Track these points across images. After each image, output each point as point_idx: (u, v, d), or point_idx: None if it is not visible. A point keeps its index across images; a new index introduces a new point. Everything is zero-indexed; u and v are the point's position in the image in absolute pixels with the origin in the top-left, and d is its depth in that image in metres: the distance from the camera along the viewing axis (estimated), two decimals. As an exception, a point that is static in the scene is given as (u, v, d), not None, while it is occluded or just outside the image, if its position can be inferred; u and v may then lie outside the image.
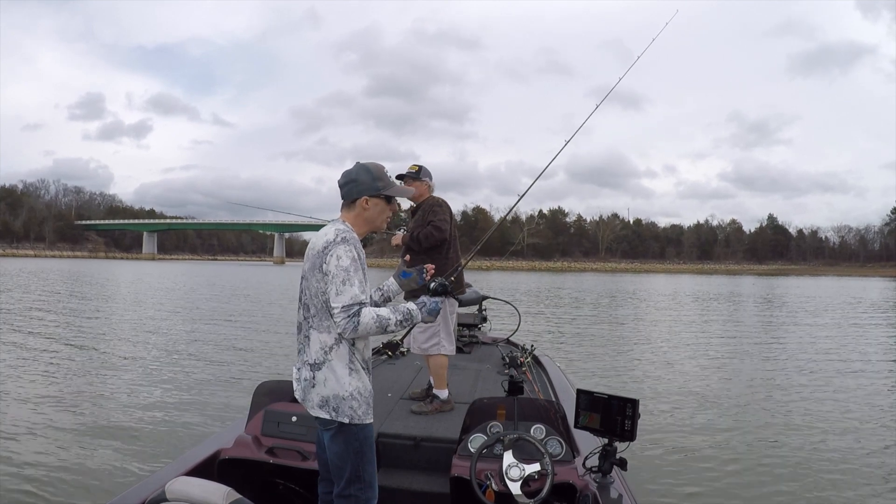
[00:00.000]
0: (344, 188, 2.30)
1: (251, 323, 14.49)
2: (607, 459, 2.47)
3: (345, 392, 2.15)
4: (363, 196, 2.27)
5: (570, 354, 10.14)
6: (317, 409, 2.17)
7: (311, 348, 2.19)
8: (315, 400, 2.17)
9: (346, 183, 2.29)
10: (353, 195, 2.28)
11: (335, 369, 2.15)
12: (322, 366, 2.16)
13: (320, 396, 2.16)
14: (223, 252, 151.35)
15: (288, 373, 2.47)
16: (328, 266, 2.12)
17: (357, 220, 2.28)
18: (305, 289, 2.22)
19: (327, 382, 2.15)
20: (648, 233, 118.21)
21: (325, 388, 2.15)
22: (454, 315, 4.04)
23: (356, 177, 2.28)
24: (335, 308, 2.08)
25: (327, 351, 2.16)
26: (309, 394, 2.18)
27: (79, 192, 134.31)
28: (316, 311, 2.18)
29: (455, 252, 3.84)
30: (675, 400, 7.02)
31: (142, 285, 29.72)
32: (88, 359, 9.07)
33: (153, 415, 6.03)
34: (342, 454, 2.18)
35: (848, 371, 9.21)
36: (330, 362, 2.15)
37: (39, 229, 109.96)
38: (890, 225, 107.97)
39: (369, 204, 2.28)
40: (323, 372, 2.15)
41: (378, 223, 2.33)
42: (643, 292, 32.90)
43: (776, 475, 4.65)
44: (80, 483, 4.26)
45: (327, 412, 2.15)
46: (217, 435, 3.06)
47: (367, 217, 2.30)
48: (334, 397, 2.14)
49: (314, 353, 2.18)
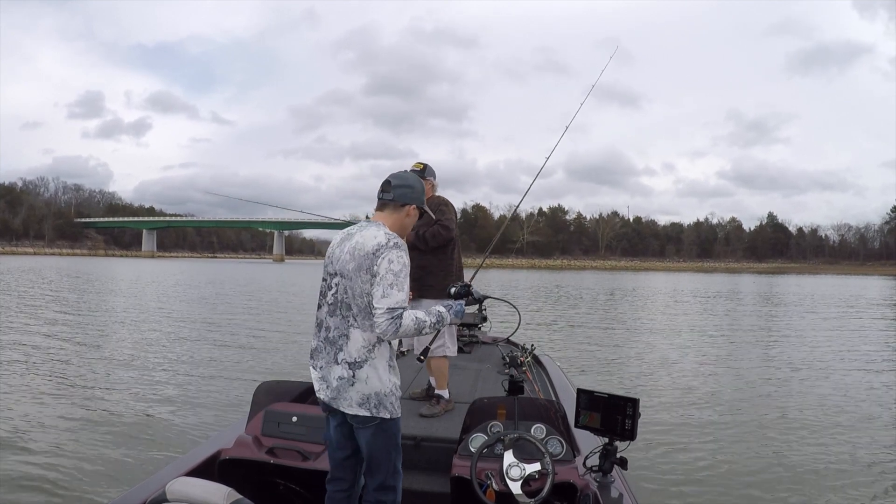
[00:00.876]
0: (397, 190, 2.29)
1: (251, 322, 14.49)
2: (608, 459, 2.47)
3: (386, 388, 2.19)
4: (413, 204, 2.32)
5: (570, 354, 10.14)
6: (355, 407, 2.17)
7: (352, 347, 2.19)
8: (355, 398, 2.17)
9: (401, 186, 2.30)
10: (406, 200, 2.30)
11: (377, 367, 2.18)
12: (364, 364, 2.17)
13: (361, 394, 2.17)
14: (223, 249, 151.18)
15: (288, 373, 2.47)
16: (378, 268, 2.14)
17: (396, 225, 2.30)
18: (347, 288, 2.20)
19: (369, 380, 2.17)
20: (648, 231, 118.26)
21: (366, 386, 2.17)
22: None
23: (414, 184, 2.33)
24: (379, 309, 2.11)
25: (370, 349, 2.18)
26: (346, 392, 2.18)
27: (78, 190, 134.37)
28: (359, 311, 2.19)
29: (458, 252, 3.83)
30: (675, 399, 7.02)
31: (141, 283, 29.70)
32: (88, 358, 9.07)
33: (153, 415, 6.03)
34: (384, 448, 2.23)
35: (848, 369, 9.22)
36: (373, 360, 2.18)
37: (39, 227, 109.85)
38: (890, 223, 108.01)
39: (412, 213, 2.34)
40: (364, 370, 2.17)
41: (408, 232, 2.41)
42: (643, 291, 32.92)
43: (777, 474, 4.66)
44: (80, 483, 4.26)
45: (368, 409, 2.17)
46: (217, 435, 3.06)
47: (406, 224, 2.35)
48: (376, 394, 2.17)
49: (355, 351, 2.18)
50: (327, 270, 2.31)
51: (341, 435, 2.30)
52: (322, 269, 2.36)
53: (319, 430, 2.53)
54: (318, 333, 2.29)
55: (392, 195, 2.29)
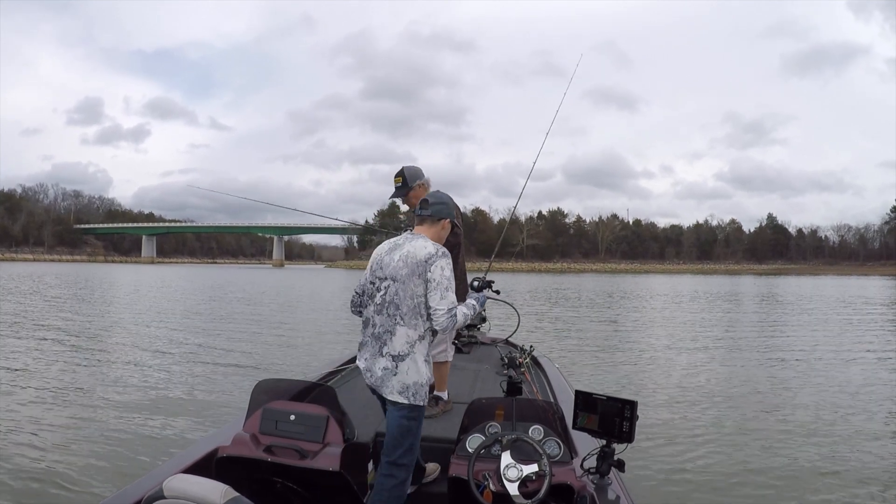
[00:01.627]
0: (433, 207, 2.72)
1: (250, 323, 14.49)
2: (605, 461, 2.47)
3: (422, 380, 2.52)
4: (448, 219, 2.75)
5: (568, 355, 10.13)
6: (395, 395, 2.51)
7: (396, 342, 2.52)
8: (396, 387, 2.50)
9: (436, 204, 2.73)
10: (441, 215, 2.73)
11: (417, 361, 2.52)
12: (406, 357, 2.51)
13: (402, 384, 2.50)
14: (222, 255, 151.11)
15: (285, 372, 2.49)
16: (433, 275, 2.52)
17: (435, 236, 2.70)
18: (398, 290, 2.54)
19: (409, 371, 2.50)
20: (648, 233, 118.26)
21: (406, 377, 2.50)
22: None
23: (447, 202, 2.79)
24: (440, 309, 2.51)
25: (412, 344, 2.52)
26: (389, 381, 2.51)
27: (77, 196, 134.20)
28: (408, 311, 2.52)
29: (463, 256, 3.79)
30: (673, 401, 7.02)
31: (140, 288, 29.69)
32: (86, 358, 9.07)
33: (151, 412, 6.04)
34: (408, 431, 2.55)
35: (848, 371, 9.22)
36: (414, 355, 2.52)
37: (38, 233, 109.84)
38: (889, 224, 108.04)
39: (446, 226, 2.75)
40: (406, 363, 2.51)
41: (443, 242, 2.75)
42: (643, 293, 32.91)
43: (776, 477, 4.65)
44: (78, 480, 4.26)
45: (406, 398, 2.50)
46: (215, 433, 3.06)
47: (442, 235, 2.75)
48: (414, 384, 2.51)
49: (399, 346, 2.52)
50: (376, 275, 2.64)
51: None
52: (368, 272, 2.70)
53: (317, 429, 2.53)
54: (365, 330, 2.65)
55: (430, 211, 2.71)
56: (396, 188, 3.59)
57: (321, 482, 2.45)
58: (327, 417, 2.55)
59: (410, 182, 3.56)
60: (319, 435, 2.51)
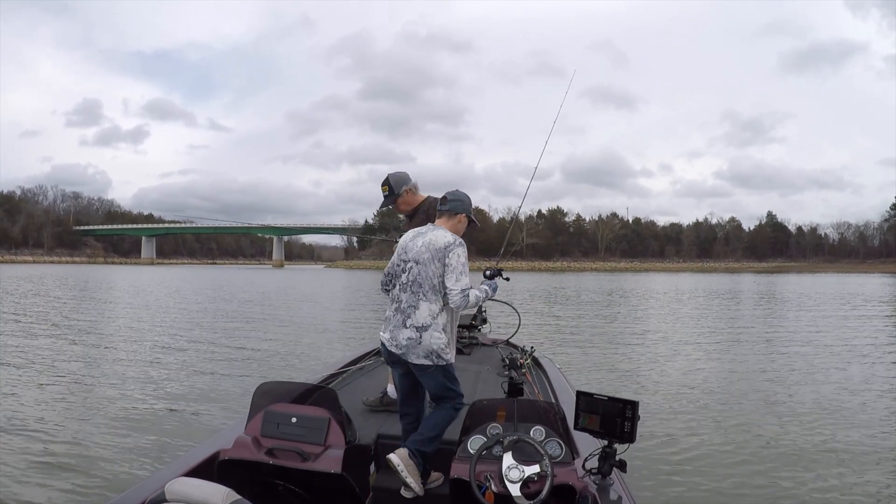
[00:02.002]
0: (451, 203, 3.13)
1: (251, 325, 14.48)
2: (607, 461, 2.47)
3: (443, 343, 2.94)
4: (463, 213, 3.14)
5: (569, 356, 10.12)
6: (421, 359, 2.93)
7: (420, 315, 2.93)
8: (421, 353, 2.92)
9: (453, 200, 3.14)
10: (458, 210, 3.13)
11: (437, 330, 2.93)
12: (428, 328, 2.92)
13: (425, 350, 2.92)
14: (222, 256, 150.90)
15: (287, 374, 2.48)
16: (450, 260, 2.94)
17: (453, 228, 3.10)
18: (421, 271, 2.96)
19: (432, 339, 2.91)
20: (648, 232, 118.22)
21: (429, 344, 2.91)
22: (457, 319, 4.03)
23: (463, 198, 3.18)
24: (454, 290, 2.91)
25: (434, 317, 2.94)
26: (414, 349, 2.92)
27: (77, 198, 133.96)
28: (429, 289, 2.94)
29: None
30: (675, 401, 7.01)
31: (140, 290, 29.68)
32: (87, 361, 9.07)
33: (152, 415, 6.04)
34: (444, 384, 3.00)
35: (850, 370, 9.22)
36: (435, 325, 2.93)
37: (38, 235, 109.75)
38: (889, 221, 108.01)
39: (463, 220, 3.16)
40: (429, 332, 2.92)
41: (460, 234, 3.13)
42: (643, 292, 32.91)
43: (777, 477, 4.64)
44: (79, 483, 4.26)
45: (431, 360, 2.93)
46: (216, 436, 3.06)
47: (459, 228, 3.15)
48: (437, 349, 2.92)
49: (422, 318, 2.93)
50: (402, 258, 3.06)
51: (406, 381, 3.08)
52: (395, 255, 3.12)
53: (318, 431, 2.53)
54: (391, 305, 3.07)
55: (447, 207, 3.13)
56: (385, 197, 3.72)
57: (323, 484, 2.45)
58: (328, 420, 2.55)
59: (397, 189, 3.68)
60: (321, 437, 2.51)
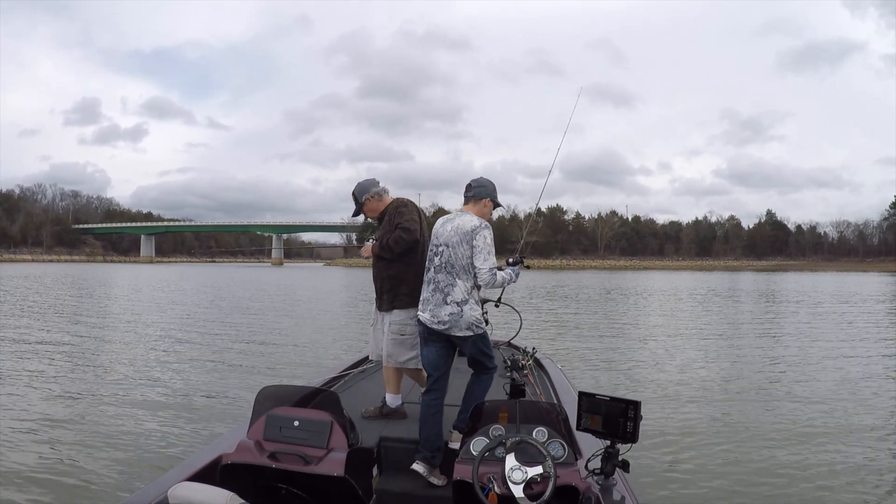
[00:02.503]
0: (475, 189, 3.41)
1: (252, 327, 14.48)
2: (609, 461, 2.46)
3: (479, 315, 3.29)
4: (487, 198, 3.42)
5: (572, 356, 10.12)
6: (464, 331, 3.23)
7: (457, 292, 3.24)
8: (463, 325, 3.23)
9: (477, 186, 3.42)
10: (482, 195, 3.41)
11: (472, 304, 3.26)
12: (467, 302, 3.24)
13: (467, 322, 3.23)
14: (221, 254, 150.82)
15: (289, 377, 2.48)
16: (477, 242, 3.23)
17: (479, 213, 3.37)
18: (452, 254, 3.25)
19: (471, 311, 3.24)
20: (647, 230, 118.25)
21: (469, 316, 3.24)
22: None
23: (486, 184, 3.45)
24: (483, 269, 3.21)
25: (468, 293, 3.25)
26: (458, 322, 3.23)
27: (76, 196, 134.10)
28: (461, 269, 3.23)
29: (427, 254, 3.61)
30: (677, 401, 7.00)
31: (140, 289, 29.67)
32: (88, 364, 9.06)
33: (155, 420, 6.02)
34: (482, 350, 3.33)
35: (852, 368, 9.22)
36: (471, 300, 3.25)
37: (37, 234, 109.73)
38: (888, 220, 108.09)
39: (488, 204, 3.43)
40: (468, 306, 3.24)
41: (487, 217, 3.41)
42: (643, 290, 32.93)
43: (780, 475, 4.64)
44: (82, 489, 4.25)
45: (472, 331, 3.25)
46: (219, 440, 3.05)
47: (484, 212, 3.41)
48: (476, 320, 3.26)
49: (460, 295, 3.24)
50: (434, 242, 3.36)
51: (439, 356, 3.34)
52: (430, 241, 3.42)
53: (321, 435, 2.53)
54: (427, 287, 3.34)
55: (472, 193, 3.40)
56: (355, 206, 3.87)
57: (326, 488, 2.45)
58: (331, 423, 2.55)
59: (360, 198, 3.80)
60: (324, 440, 2.51)
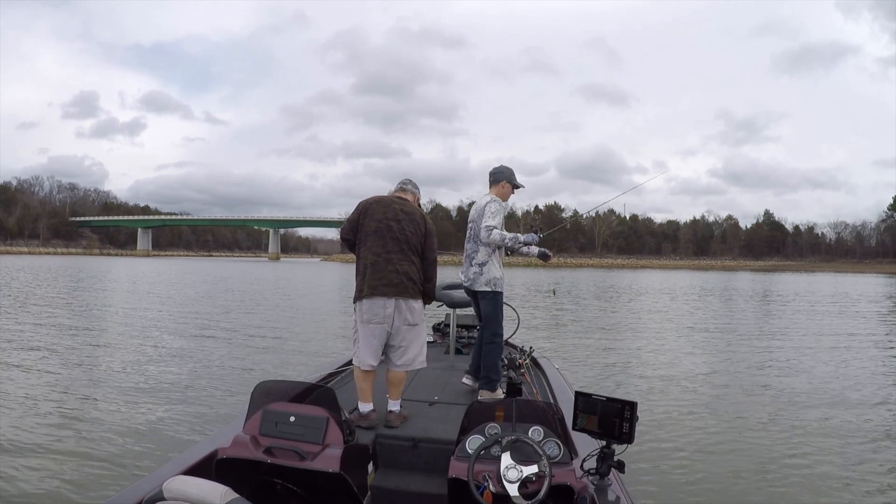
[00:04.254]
0: (494, 174, 4.35)
1: (249, 322, 14.46)
2: (605, 462, 2.46)
3: (499, 275, 4.19)
4: (504, 180, 4.33)
5: (568, 356, 10.12)
6: (483, 286, 4.15)
7: (480, 255, 4.16)
8: (482, 282, 4.14)
9: (496, 172, 4.36)
10: (500, 179, 4.33)
11: (494, 265, 4.17)
12: (487, 263, 4.15)
13: (486, 279, 4.14)
14: (218, 248, 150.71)
15: (285, 373, 2.48)
16: (485, 211, 4.13)
17: (498, 193, 4.31)
18: (474, 227, 4.22)
19: (490, 270, 4.15)
20: (645, 229, 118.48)
21: (489, 275, 4.14)
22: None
23: (503, 170, 4.37)
24: (481, 227, 4.11)
25: (490, 255, 4.16)
26: (479, 279, 4.15)
27: (73, 189, 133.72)
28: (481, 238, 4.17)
29: (367, 250, 3.52)
30: (673, 402, 7.01)
31: (137, 282, 29.61)
32: (84, 357, 9.04)
33: (150, 414, 6.02)
34: (495, 310, 4.18)
35: (848, 369, 9.25)
36: (491, 261, 4.16)
37: (34, 226, 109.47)
38: (886, 221, 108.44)
39: (506, 186, 4.34)
40: (488, 266, 4.15)
41: (505, 197, 4.34)
42: (641, 289, 32.97)
43: (776, 477, 4.65)
44: (76, 482, 4.25)
45: (490, 287, 4.14)
46: (215, 434, 3.05)
47: (504, 192, 4.34)
48: (493, 279, 4.15)
49: (482, 256, 4.16)
50: (468, 221, 4.30)
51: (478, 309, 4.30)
52: None
53: (317, 430, 2.52)
54: (464, 256, 4.32)
55: (493, 178, 4.35)
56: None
57: (321, 484, 2.45)
58: (327, 419, 2.55)
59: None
60: (319, 436, 2.51)
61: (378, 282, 3.43)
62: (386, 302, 3.43)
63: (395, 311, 3.46)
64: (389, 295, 3.42)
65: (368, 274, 3.45)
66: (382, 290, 3.42)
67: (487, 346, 4.12)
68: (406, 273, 3.47)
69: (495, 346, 4.13)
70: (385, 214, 3.52)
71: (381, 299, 3.43)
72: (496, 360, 4.15)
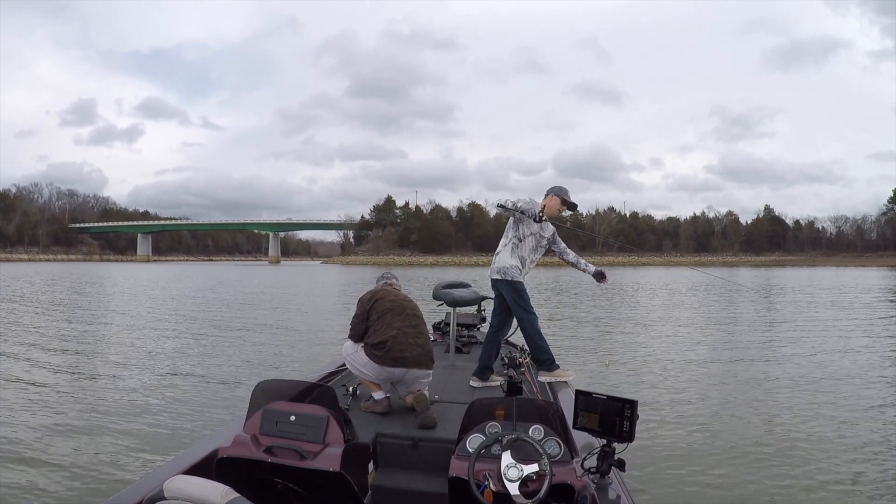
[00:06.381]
0: (547, 190, 4.75)
1: (249, 322, 14.45)
2: (605, 460, 2.46)
3: (510, 265, 4.52)
4: (552, 194, 4.68)
5: (568, 354, 10.11)
6: (495, 274, 4.56)
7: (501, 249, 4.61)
8: (494, 270, 4.57)
9: (549, 189, 4.75)
10: (549, 193, 4.70)
11: (507, 255, 4.55)
12: (500, 253, 4.60)
13: (498, 268, 4.54)
14: (218, 252, 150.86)
15: (285, 372, 2.48)
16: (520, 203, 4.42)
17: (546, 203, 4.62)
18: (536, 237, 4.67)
19: (502, 260, 4.55)
20: (645, 226, 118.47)
21: (500, 263, 4.55)
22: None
23: (554, 187, 4.72)
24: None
25: (503, 247, 4.60)
26: (494, 269, 4.56)
27: (72, 196, 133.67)
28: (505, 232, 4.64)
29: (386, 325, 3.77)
30: (674, 400, 6.97)
31: (137, 287, 29.61)
32: (85, 358, 9.04)
33: (151, 414, 6.02)
34: (515, 297, 4.50)
35: (850, 366, 9.20)
36: (504, 252, 4.57)
37: (33, 233, 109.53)
38: (887, 215, 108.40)
39: (554, 199, 4.66)
40: (501, 255, 4.58)
41: (554, 210, 4.66)
42: (641, 287, 32.95)
43: (777, 476, 4.63)
44: (77, 481, 4.25)
45: (500, 275, 4.52)
46: (215, 434, 3.05)
47: (552, 205, 4.64)
48: (504, 267, 4.52)
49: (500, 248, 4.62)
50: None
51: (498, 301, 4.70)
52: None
53: (317, 430, 2.53)
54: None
55: (547, 193, 4.73)
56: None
57: (322, 483, 2.45)
58: (327, 418, 2.54)
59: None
60: (320, 435, 2.51)
61: (400, 354, 3.67)
62: (406, 371, 3.71)
63: (407, 375, 3.73)
64: (409, 366, 3.69)
65: (390, 345, 3.66)
66: (403, 362, 3.68)
67: (521, 331, 4.52)
68: (423, 346, 3.77)
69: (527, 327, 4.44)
70: (395, 296, 3.91)
71: (401, 369, 3.68)
72: (535, 340, 4.43)
